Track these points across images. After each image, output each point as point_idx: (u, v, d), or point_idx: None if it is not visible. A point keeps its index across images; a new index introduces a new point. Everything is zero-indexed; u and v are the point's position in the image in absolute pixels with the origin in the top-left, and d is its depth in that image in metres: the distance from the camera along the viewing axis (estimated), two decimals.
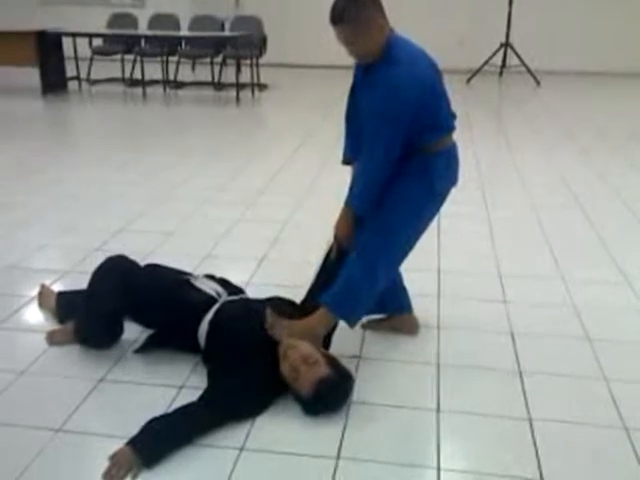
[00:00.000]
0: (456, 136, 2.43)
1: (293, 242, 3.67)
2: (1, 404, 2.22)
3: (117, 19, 9.29)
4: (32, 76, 8.06)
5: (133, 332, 2.60)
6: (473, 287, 3.16)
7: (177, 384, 2.33)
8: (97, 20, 9.25)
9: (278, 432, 2.10)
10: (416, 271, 2.92)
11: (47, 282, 3.08)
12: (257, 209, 4.21)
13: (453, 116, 2.40)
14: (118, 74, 8.92)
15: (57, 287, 3.04)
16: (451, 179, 2.44)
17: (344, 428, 2.12)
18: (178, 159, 5.41)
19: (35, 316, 2.84)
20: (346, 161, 2.55)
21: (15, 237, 3.69)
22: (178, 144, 6.00)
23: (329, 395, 2.15)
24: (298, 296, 2.62)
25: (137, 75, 8.57)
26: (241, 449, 2.01)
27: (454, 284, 3.17)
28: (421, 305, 2.81)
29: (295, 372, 2.15)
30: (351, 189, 2.39)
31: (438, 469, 1.95)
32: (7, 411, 2.18)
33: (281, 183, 4.78)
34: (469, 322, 2.83)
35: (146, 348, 2.47)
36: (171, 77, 8.61)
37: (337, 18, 2.16)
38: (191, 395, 2.20)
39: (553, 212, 4.24)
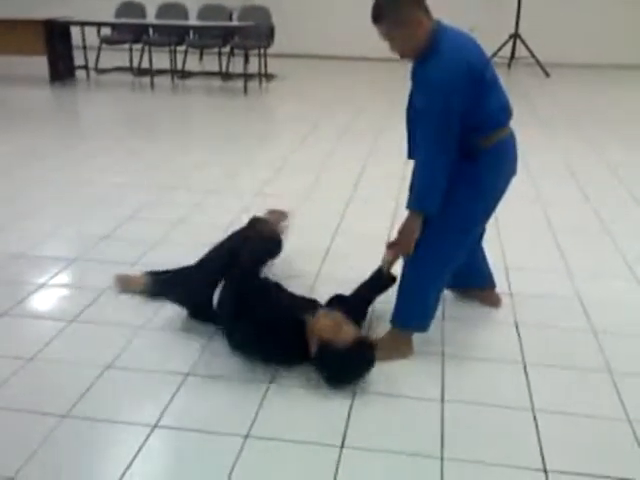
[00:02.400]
0: None
1: (301, 232, 3.68)
2: (10, 390, 2.24)
3: (125, 8, 9.27)
4: (40, 65, 8.07)
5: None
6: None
7: (182, 371, 2.35)
8: (105, 9, 9.23)
9: (282, 420, 2.11)
10: None
11: (56, 270, 3.11)
12: (264, 199, 4.21)
13: (506, 109, 2.34)
14: (126, 63, 8.92)
15: (66, 275, 3.07)
16: (507, 172, 2.41)
17: (348, 417, 2.13)
18: (186, 148, 5.42)
19: (43, 303, 2.86)
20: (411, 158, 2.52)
21: (21, 226, 3.70)
22: (186, 134, 6.00)
23: (363, 354, 2.26)
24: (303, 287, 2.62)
25: (145, 65, 8.57)
26: (246, 436, 2.03)
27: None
28: None
29: (338, 326, 2.27)
30: (410, 191, 2.34)
31: (442, 459, 1.96)
32: (16, 396, 2.20)
33: (288, 174, 4.78)
34: (474, 313, 2.83)
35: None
36: (179, 67, 8.59)
37: (375, 16, 2.20)
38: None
39: (561, 206, 4.23)
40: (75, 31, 8.44)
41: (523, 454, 1.99)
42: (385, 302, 2.69)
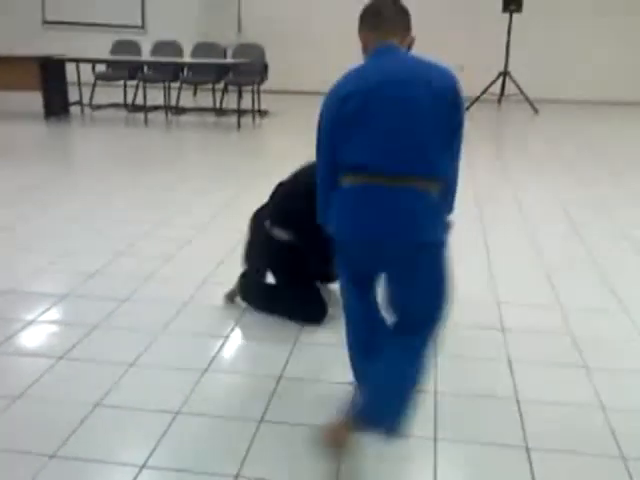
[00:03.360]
0: None
1: None
2: None
3: (120, 46, 9.40)
4: (35, 100, 8.14)
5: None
6: (471, 314, 3.15)
7: (172, 409, 2.32)
8: (101, 46, 9.37)
9: (273, 458, 2.08)
10: None
11: (46, 306, 3.09)
12: None
13: (368, 156, 1.92)
14: (120, 100, 9.01)
15: (56, 311, 3.05)
16: (345, 228, 1.99)
17: (339, 464, 2.10)
18: (178, 184, 5.44)
19: (32, 340, 2.83)
20: None
21: (13, 260, 3.69)
22: (179, 169, 6.03)
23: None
24: None
25: (139, 101, 8.66)
26: (236, 476, 2.00)
27: (452, 312, 3.16)
28: None
29: None
30: None
31: None
32: (2, 435, 2.17)
33: None
34: (466, 350, 2.82)
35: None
36: (173, 103, 8.68)
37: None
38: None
39: (552, 241, 4.25)
40: (70, 68, 8.54)
41: None
42: None
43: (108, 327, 2.93)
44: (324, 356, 2.74)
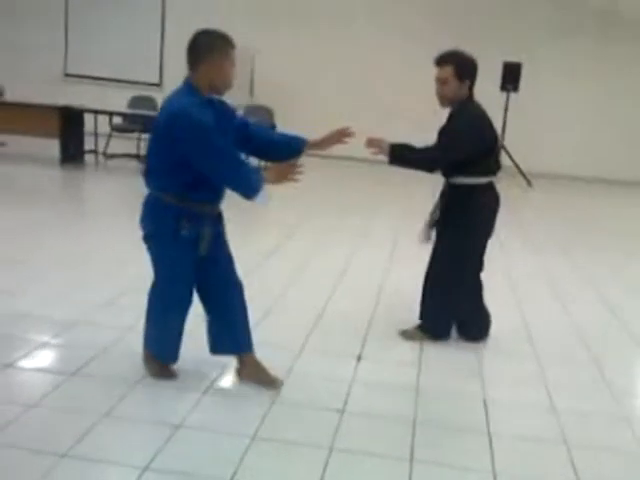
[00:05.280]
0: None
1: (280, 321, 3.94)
2: (13, 430, 2.44)
3: (137, 100, 9.89)
4: (52, 147, 8.53)
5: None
6: (454, 412, 2.95)
7: (173, 422, 2.55)
8: (118, 99, 9.84)
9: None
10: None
11: (57, 330, 3.34)
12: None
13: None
14: (134, 151, 9.41)
15: (67, 335, 3.30)
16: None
17: None
18: None
19: (45, 358, 3.08)
20: None
21: (28, 288, 3.93)
22: None
23: None
24: None
25: None
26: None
27: (435, 409, 2.95)
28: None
29: None
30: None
31: None
32: (19, 437, 2.39)
33: (274, 264, 5.07)
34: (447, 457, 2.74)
35: None
36: None
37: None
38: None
39: (543, 324, 4.09)
40: (88, 118, 8.98)
41: None
42: None
43: (114, 352, 3.17)
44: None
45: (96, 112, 8.94)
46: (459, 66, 3.32)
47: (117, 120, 9.44)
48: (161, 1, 11.56)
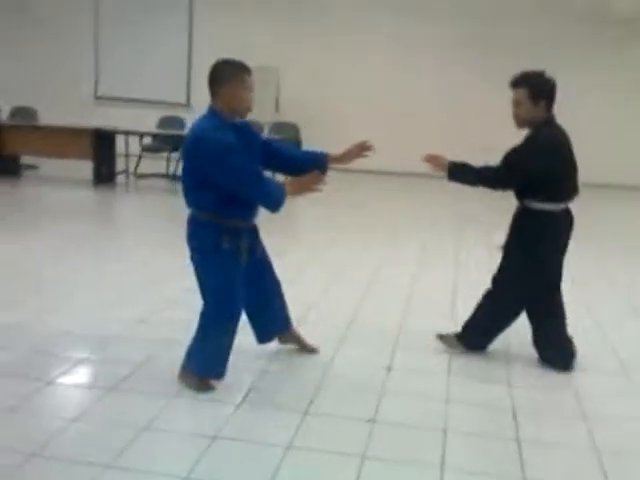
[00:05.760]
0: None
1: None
2: (59, 442, 2.55)
3: (166, 120, 10.11)
4: (85, 168, 8.76)
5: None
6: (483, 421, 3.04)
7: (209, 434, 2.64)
8: (147, 120, 10.07)
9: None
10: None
11: (96, 346, 3.46)
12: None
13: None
14: (163, 170, 9.61)
15: (105, 351, 3.41)
16: None
17: None
18: None
19: (85, 374, 3.20)
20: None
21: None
22: None
23: None
24: None
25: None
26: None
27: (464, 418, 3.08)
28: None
29: None
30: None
31: None
32: (63, 447, 2.50)
33: (309, 275, 5.16)
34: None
35: None
36: None
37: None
38: None
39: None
40: (119, 139, 9.21)
41: None
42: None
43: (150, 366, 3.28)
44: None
45: (127, 133, 9.17)
46: (533, 87, 3.26)
47: (147, 140, 9.66)
48: (188, 22, 11.83)
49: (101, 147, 8.94)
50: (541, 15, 10.88)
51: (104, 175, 9.02)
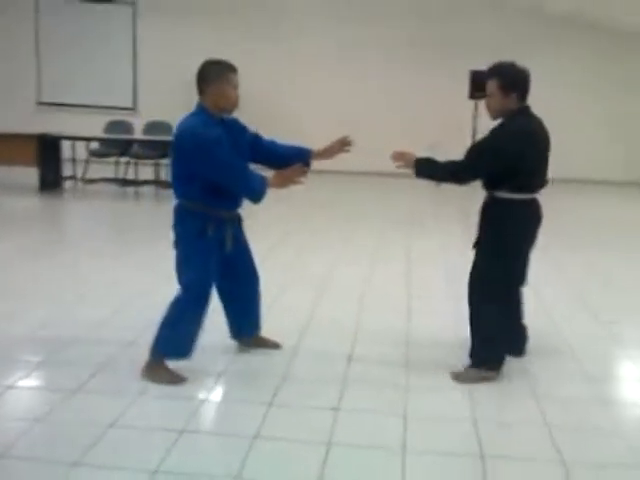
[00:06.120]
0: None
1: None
2: (26, 442, 2.54)
3: (113, 125, 9.99)
4: (31, 175, 8.59)
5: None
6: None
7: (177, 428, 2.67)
8: (93, 125, 9.92)
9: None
10: None
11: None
12: None
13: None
14: (112, 175, 9.49)
15: (60, 354, 3.40)
16: None
17: None
18: (166, 254, 5.81)
19: (44, 377, 3.18)
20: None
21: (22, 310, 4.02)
22: (167, 239, 6.43)
23: None
24: None
25: (130, 176, 9.18)
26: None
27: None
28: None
29: None
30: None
31: None
32: (33, 447, 2.49)
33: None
34: None
35: None
36: (162, 178, 9.18)
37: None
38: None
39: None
40: (66, 144, 9.06)
41: None
42: None
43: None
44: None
45: (72, 138, 9.04)
46: (503, 79, 3.22)
47: (94, 145, 9.53)
48: (132, 26, 11.72)
49: (46, 153, 8.78)
50: (489, 13, 11.22)
51: (50, 181, 8.86)
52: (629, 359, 3.75)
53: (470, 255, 3.45)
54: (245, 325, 3.53)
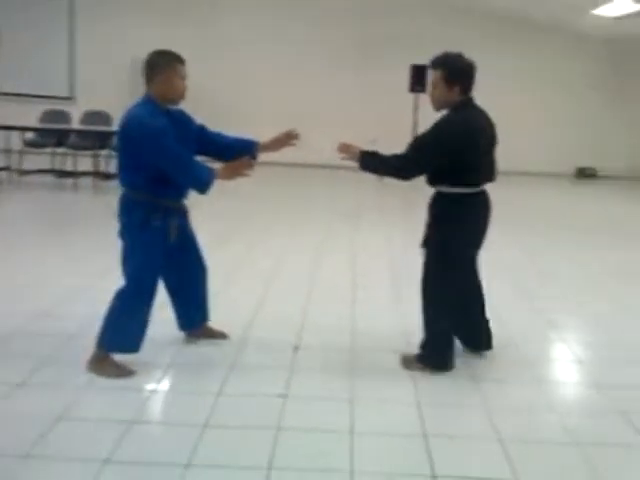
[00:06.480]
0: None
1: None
2: None
3: (49, 115, 9.73)
4: None
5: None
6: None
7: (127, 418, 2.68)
8: (29, 115, 9.64)
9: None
10: None
11: None
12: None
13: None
14: (49, 166, 9.26)
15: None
16: None
17: None
18: (103, 246, 5.72)
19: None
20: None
21: None
22: (104, 231, 6.32)
23: None
24: None
25: (68, 167, 8.97)
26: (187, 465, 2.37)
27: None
28: None
29: None
30: None
31: None
32: None
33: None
34: None
35: None
36: (101, 169, 9.01)
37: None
38: None
39: None
40: None
41: None
42: None
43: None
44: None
45: (6, 128, 8.76)
46: (448, 70, 3.17)
47: (29, 136, 9.26)
48: (69, 14, 11.42)
49: None
50: (427, 10, 11.44)
51: None
52: (563, 342, 3.94)
53: (414, 247, 3.54)
54: (192, 316, 3.54)
